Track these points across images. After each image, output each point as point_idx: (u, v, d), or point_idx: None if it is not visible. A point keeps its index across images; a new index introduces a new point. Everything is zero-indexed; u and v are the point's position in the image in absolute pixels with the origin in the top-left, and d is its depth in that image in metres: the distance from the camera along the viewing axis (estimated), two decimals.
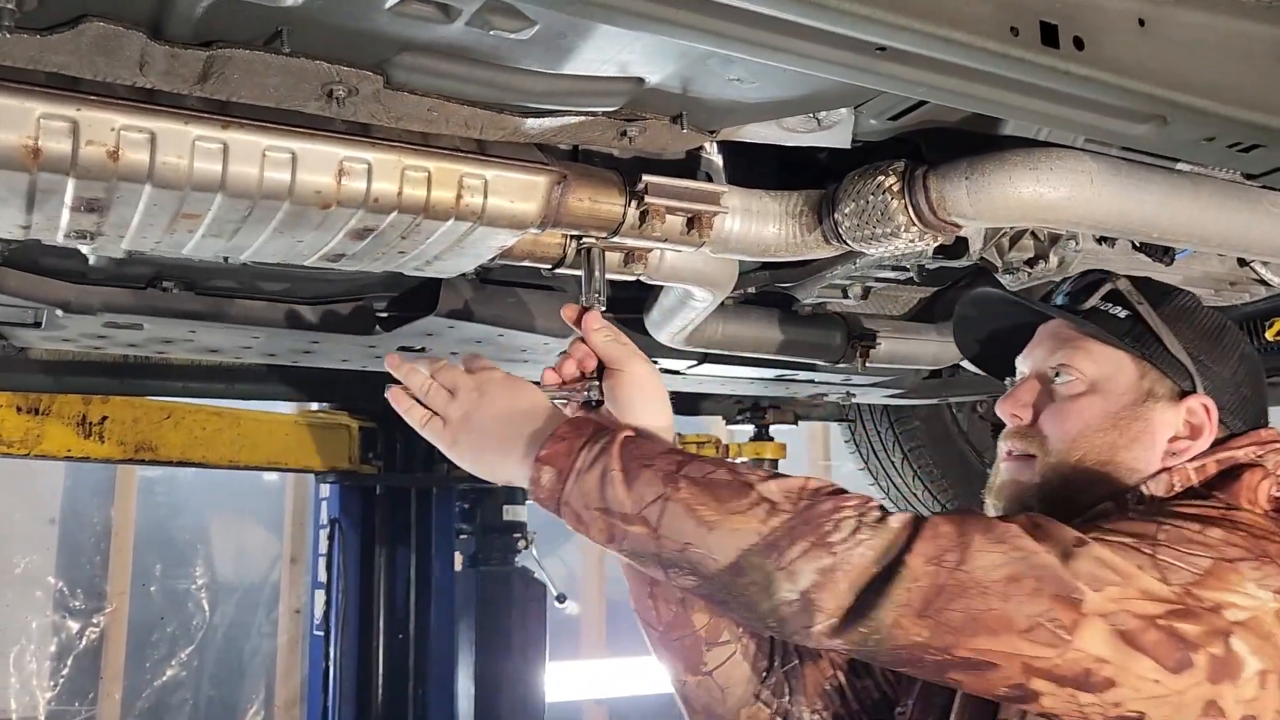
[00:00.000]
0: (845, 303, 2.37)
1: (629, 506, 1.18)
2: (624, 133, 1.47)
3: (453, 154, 1.41)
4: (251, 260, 1.56)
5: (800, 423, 3.94)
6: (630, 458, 1.21)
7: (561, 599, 4.53)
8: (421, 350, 2.30)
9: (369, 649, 4.03)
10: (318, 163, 1.33)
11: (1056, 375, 1.37)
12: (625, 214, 1.55)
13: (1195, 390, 1.32)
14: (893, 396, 3.21)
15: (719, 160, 1.63)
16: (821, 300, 2.36)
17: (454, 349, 2.28)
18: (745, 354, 2.44)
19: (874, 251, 1.62)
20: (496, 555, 4.12)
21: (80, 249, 1.57)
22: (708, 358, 2.55)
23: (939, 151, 1.58)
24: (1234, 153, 1.47)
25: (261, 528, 6.03)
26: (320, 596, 4.08)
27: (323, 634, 4.04)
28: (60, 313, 1.96)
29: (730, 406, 3.86)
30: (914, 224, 1.54)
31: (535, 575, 4.21)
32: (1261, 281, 2.15)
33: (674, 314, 2.12)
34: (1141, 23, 1.28)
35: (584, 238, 1.61)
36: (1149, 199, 1.57)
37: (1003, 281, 1.94)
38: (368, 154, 1.35)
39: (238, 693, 5.79)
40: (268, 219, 1.39)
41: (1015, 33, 1.17)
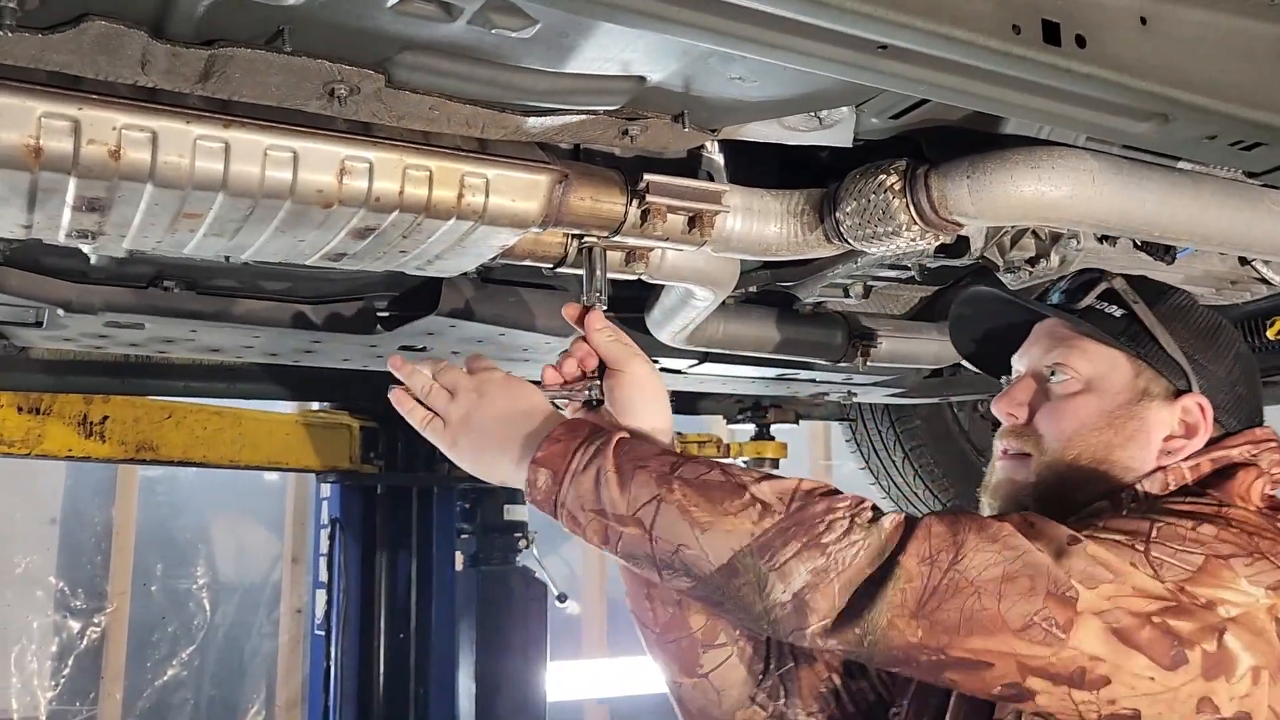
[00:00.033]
0: (846, 302, 2.37)
1: (623, 508, 1.18)
2: (625, 131, 1.47)
3: (454, 153, 1.41)
4: (253, 260, 1.56)
5: (801, 422, 3.93)
6: (625, 459, 1.21)
7: (562, 598, 4.53)
8: (423, 350, 2.30)
9: (370, 649, 4.03)
10: (319, 162, 1.33)
11: (1052, 374, 1.37)
12: (627, 213, 1.55)
13: (1190, 389, 1.32)
14: (894, 396, 3.20)
15: (720, 159, 1.63)
16: (822, 299, 2.36)
17: (455, 348, 2.28)
18: (746, 353, 2.44)
19: (875, 250, 1.62)
20: (497, 555, 4.13)
21: (82, 248, 1.57)
22: (709, 357, 2.55)
23: (940, 150, 1.57)
24: (1235, 151, 1.47)
25: (262, 527, 6.04)
26: (321, 596, 4.07)
27: (324, 634, 4.03)
28: (61, 312, 1.96)
29: (731, 406, 3.85)
30: (915, 223, 1.54)
31: (536, 575, 4.21)
32: (1263, 280, 2.15)
33: (675, 313, 2.12)
34: (1143, 21, 1.28)
35: (585, 237, 1.61)
36: (1150, 197, 1.57)
37: (1004, 280, 1.93)
38: (369, 153, 1.35)
39: (239, 692, 5.80)
40: (269, 218, 1.39)
41: (1017, 30, 1.17)
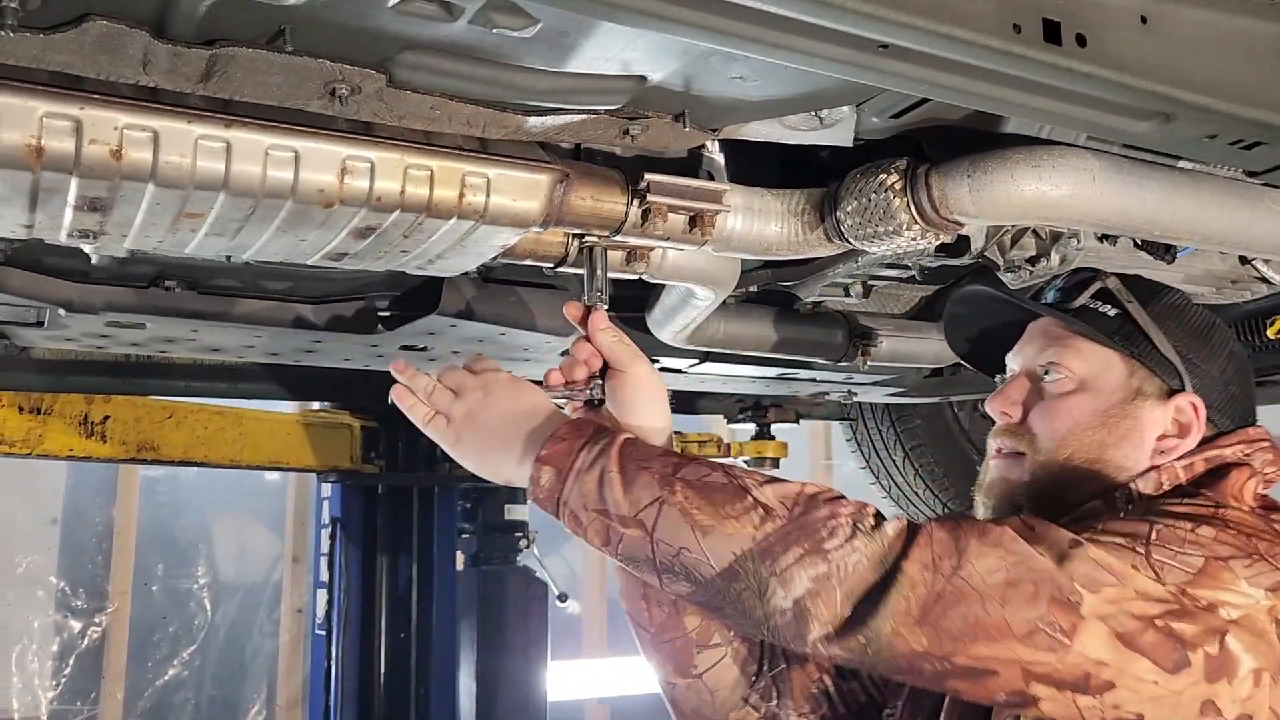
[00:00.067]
0: (847, 301, 2.37)
1: (625, 509, 1.17)
2: (626, 131, 1.47)
3: (455, 152, 1.41)
4: (254, 259, 1.56)
5: (802, 421, 3.93)
6: (628, 460, 1.20)
7: (563, 598, 4.54)
8: (424, 350, 2.30)
9: (371, 648, 4.03)
10: (320, 161, 1.33)
11: (1046, 373, 1.37)
12: (627, 212, 1.55)
13: (1184, 389, 1.32)
14: (894, 395, 3.20)
15: (721, 159, 1.63)
16: (823, 299, 2.36)
17: (456, 348, 2.28)
18: (747, 352, 2.44)
19: (876, 250, 1.62)
20: (498, 554, 4.13)
21: (83, 248, 1.57)
22: (710, 356, 2.55)
23: (941, 149, 1.57)
24: (1236, 150, 1.47)
25: (263, 527, 6.04)
26: (322, 596, 4.08)
27: (324, 633, 4.04)
28: (63, 312, 1.96)
29: (732, 405, 3.85)
30: (916, 222, 1.54)
31: (537, 574, 4.22)
32: (1263, 279, 2.15)
33: (676, 313, 2.12)
34: (1144, 20, 1.28)
35: (586, 236, 1.61)
36: (1151, 197, 1.57)
37: (1004, 280, 1.93)
38: (370, 153, 1.35)
39: (240, 692, 5.80)
40: (270, 218, 1.39)
41: (1018, 30, 1.17)
